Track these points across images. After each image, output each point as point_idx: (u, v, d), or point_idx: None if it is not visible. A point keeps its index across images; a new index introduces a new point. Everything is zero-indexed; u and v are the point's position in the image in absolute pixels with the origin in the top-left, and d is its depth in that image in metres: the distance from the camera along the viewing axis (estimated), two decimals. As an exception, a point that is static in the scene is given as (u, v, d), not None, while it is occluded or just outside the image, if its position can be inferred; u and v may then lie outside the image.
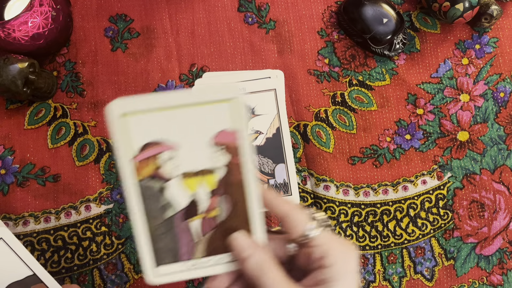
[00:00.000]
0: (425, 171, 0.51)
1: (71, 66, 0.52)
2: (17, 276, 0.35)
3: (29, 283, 0.35)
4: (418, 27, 0.54)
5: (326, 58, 0.53)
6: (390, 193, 0.50)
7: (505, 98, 0.52)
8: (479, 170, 0.51)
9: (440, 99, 0.52)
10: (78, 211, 0.49)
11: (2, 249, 0.35)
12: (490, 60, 0.53)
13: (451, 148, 0.51)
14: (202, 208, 0.34)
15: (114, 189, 0.49)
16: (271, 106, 0.51)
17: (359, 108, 0.52)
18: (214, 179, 0.34)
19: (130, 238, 0.49)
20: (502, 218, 0.50)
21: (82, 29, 0.53)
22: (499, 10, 0.50)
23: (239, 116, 0.32)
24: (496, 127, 0.51)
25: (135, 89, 0.52)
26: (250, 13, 0.54)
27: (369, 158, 0.51)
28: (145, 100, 0.31)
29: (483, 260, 0.49)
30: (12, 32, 0.46)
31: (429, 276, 0.49)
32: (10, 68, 0.45)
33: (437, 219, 0.50)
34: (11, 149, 0.50)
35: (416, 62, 0.53)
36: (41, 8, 0.46)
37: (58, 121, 0.51)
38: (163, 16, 0.53)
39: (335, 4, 0.54)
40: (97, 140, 0.50)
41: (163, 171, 0.33)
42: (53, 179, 0.50)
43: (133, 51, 0.52)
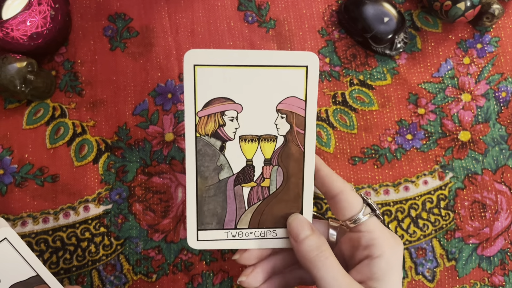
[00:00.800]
0: (427, 171, 0.50)
1: (69, 66, 0.52)
2: (21, 277, 0.35)
3: (33, 284, 0.35)
4: (419, 26, 0.53)
5: (327, 57, 0.53)
6: (391, 194, 0.50)
7: (507, 98, 0.52)
8: (480, 170, 0.50)
9: (441, 98, 0.52)
10: (77, 211, 0.49)
11: (6, 249, 0.35)
12: (492, 59, 0.53)
13: (453, 148, 0.51)
14: (255, 175, 0.33)
15: (113, 190, 0.49)
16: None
17: (360, 107, 0.52)
18: (271, 148, 0.33)
19: (129, 238, 0.48)
20: (504, 219, 0.50)
21: (81, 29, 0.53)
22: (501, 9, 0.50)
23: (311, 85, 0.31)
24: (497, 127, 0.51)
25: (134, 89, 0.51)
26: (250, 12, 0.53)
27: (370, 158, 0.51)
28: (220, 54, 0.31)
29: (484, 261, 0.49)
30: (10, 32, 0.45)
31: (431, 277, 0.49)
32: (8, 68, 0.45)
33: (438, 219, 0.50)
34: (9, 149, 0.50)
35: (417, 61, 0.53)
36: (40, 7, 0.46)
37: (56, 121, 0.51)
38: (162, 15, 0.53)
39: (335, 3, 0.54)
40: (96, 140, 0.50)
41: (224, 130, 0.33)
42: (51, 180, 0.49)
43: (132, 51, 0.52)
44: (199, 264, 0.48)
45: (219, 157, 0.33)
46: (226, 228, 0.34)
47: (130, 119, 0.51)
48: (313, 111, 0.32)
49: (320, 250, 0.30)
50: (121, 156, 0.50)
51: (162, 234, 0.49)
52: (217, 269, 0.48)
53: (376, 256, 0.29)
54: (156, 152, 0.50)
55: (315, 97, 0.31)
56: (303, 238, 0.31)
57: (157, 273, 0.48)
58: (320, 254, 0.29)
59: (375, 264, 0.29)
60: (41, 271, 0.36)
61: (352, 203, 0.31)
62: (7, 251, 0.35)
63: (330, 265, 0.29)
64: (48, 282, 0.35)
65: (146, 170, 0.50)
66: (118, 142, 0.50)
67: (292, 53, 0.31)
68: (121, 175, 0.49)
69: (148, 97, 0.51)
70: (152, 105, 0.51)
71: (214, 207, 0.33)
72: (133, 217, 0.49)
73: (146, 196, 0.49)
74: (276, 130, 0.33)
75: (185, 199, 0.38)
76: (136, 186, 0.49)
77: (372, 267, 0.29)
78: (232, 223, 0.34)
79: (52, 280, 0.36)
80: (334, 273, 0.29)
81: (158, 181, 0.49)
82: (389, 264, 0.29)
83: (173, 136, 0.50)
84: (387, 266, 0.29)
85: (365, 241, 0.30)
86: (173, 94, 0.51)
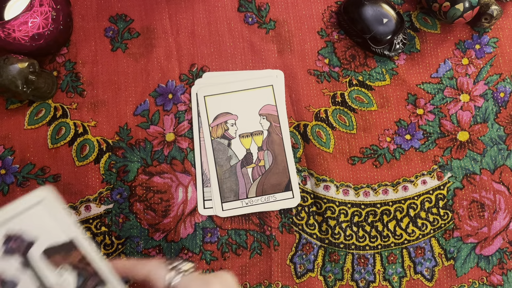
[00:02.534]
0: (425, 171, 0.51)
1: (71, 66, 0.52)
2: (56, 239, 0.34)
3: (68, 249, 0.35)
4: (418, 27, 0.54)
5: (326, 58, 0.53)
6: (390, 193, 0.50)
7: (505, 98, 0.52)
8: (479, 170, 0.51)
9: (440, 99, 0.52)
10: (78, 211, 0.49)
11: (43, 211, 0.34)
12: (490, 60, 0.53)
13: (451, 148, 0.51)
14: (254, 159, 0.50)
15: (114, 189, 0.49)
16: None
17: (359, 108, 0.52)
18: (260, 139, 0.50)
19: (130, 238, 0.49)
20: (502, 218, 0.50)
21: (82, 29, 0.53)
22: (499, 10, 0.50)
23: (278, 95, 0.51)
24: (496, 127, 0.51)
25: (135, 89, 0.52)
26: (250, 13, 0.54)
27: (369, 158, 0.51)
28: (220, 88, 0.51)
29: (483, 260, 0.49)
30: (12, 32, 0.46)
31: (429, 276, 0.49)
32: (10, 68, 0.45)
33: (437, 219, 0.50)
34: (11, 149, 0.50)
35: (416, 62, 0.53)
36: (41, 8, 0.46)
37: (58, 121, 0.51)
38: (163, 16, 0.53)
39: (335, 4, 0.54)
40: (97, 140, 0.50)
41: (228, 132, 0.51)
42: (53, 179, 0.50)
43: (133, 51, 0.52)
44: (199, 263, 0.48)
45: (228, 150, 0.50)
46: (240, 198, 0.49)
47: (131, 119, 0.51)
48: (283, 111, 0.51)
49: None
50: (122, 156, 0.50)
51: (162, 234, 0.49)
52: (217, 268, 0.48)
53: None
54: (156, 152, 0.50)
55: (283, 102, 0.51)
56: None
57: (157, 272, 0.48)
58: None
59: None
60: (76, 237, 0.35)
61: (159, 277, 0.35)
62: (44, 213, 0.34)
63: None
64: (82, 249, 0.34)
65: (147, 170, 0.50)
66: (119, 142, 0.51)
67: (261, 74, 0.51)
68: (122, 175, 0.50)
69: (149, 97, 0.51)
70: (153, 105, 0.51)
71: (230, 185, 0.49)
72: (134, 217, 0.49)
73: (147, 195, 0.49)
74: (261, 127, 0.51)
75: (186, 198, 0.50)
76: (137, 186, 0.50)
77: None
78: (244, 194, 0.49)
79: (87, 247, 0.35)
80: None
81: (158, 180, 0.50)
82: None
83: (174, 136, 0.51)
84: None
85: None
86: (174, 95, 0.51)
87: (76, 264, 0.34)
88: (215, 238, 0.49)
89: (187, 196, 0.49)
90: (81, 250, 0.34)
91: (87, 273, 0.34)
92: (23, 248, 0.34)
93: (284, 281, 0.48)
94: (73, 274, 0.34)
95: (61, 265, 0.34)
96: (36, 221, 0.34)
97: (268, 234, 0.49)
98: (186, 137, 0.51)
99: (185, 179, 0.50)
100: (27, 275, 0.33)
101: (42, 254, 0.34)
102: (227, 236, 0.49)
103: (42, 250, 0.34)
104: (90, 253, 0.34)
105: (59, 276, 0.34)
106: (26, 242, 0.34)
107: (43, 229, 0.34)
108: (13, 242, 0.33)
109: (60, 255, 0.34)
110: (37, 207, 0.34)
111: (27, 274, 0.33)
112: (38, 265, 0.34)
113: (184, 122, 0.51)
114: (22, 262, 0.34)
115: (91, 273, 0.34)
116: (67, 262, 0.34)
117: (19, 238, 0.34)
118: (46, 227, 0.34)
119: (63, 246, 0.35)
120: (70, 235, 0.34)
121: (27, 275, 0.33)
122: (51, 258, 0.34)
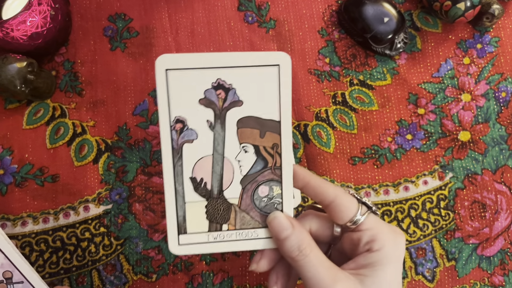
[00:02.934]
0: (427, 171, 0.50)
1: (70, 66, 0.52)
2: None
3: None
4: (419, 26, 0.53)
5: (327, 57, 0.53)
6: (391, 194, 0.50)
7: (506, 98, 0.52)
8: (480, 170, 0.50)
9: (441, 99, 0.52)
10: (77, 211, 0.49)
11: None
12: (492, 59, 0.53)
13: (453, 148, 0.51)
14: None
15: (113, 190, 0.49)
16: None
17: (360, 108, 0.52)
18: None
19: (129, 238, 0.48)
20: (504, 219, 0.50)
21: (81, 29, 0.53)
22: (501, 10, 0.50)
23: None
24: (497, 127, 0.51)
25: (134, 89, 0.51)
26: (250, 12, 0.53)
27: (370, 158, 0.51)
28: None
29: (484, 261, 0.49)
30: (10, 32, 0.45)
31: (430, 277, 0.49)
32: (9, 68, 0.45)
33: (438, 219, 0.50)
34: (9, 149, 0.50)
35: (417, 61, 0.53)
36: (40, 7, 0.46)
37: (56, 121, 0.51)
38: (162, 15, 0.53)
39: (335, 3, 0.54)
40: (96, 140, 0.50)
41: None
42: (51, 180, 0.49)
43: (132, 51, 0.52)
44: (199, 264, 0.48)
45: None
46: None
47: (130, 119, 0.51)
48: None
49: (300, 250, 0.30)
50: (121, 156, 0.50)
51: (162, 234, 0.49)
52: (217, 269, 0.48)
53: (376, 250, 0.30)
54: (156, 152, 0.50)
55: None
56: (283, 239, 0.31)
57: (157, 273, 0.48)
58: (300, 254, 0.30)
59: (372, 255, 0.30)
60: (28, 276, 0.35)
61: (347, 206, 0.31)
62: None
63: (310, 264, 0.30)
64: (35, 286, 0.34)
65: (146, 170, 0.50)
66: (118, 142, 0.50)
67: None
68: (121, 175, 0.49)
69: (148, 97, 0.51)
70: (152, 105, 0.51)
71: None
72: (133, 217, 0.49)
73: (146, 196, 0.49)
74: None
75: None
76: (136, 186, 0.49)
77: (368, 258, 0.30)
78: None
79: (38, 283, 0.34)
80: (314, 272, 0.29)
81: (158, 181, 0.49)
82: (387, 256, 0.30)
83: (173, 136, 0.50)
84: (384, 257, 0.30)
85: (366, 238, 0.31)
86: (173, 94, 0.51)
87: None
88: (214, 238, 0.49)
89: (187, 196, 0.49)
90: None
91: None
92: (225, 104, 0.31)
93: (284, 282, 0.48)
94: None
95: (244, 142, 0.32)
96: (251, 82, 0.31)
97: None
98: (185, 137, 0.50)
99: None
100: (209, 135, 0.32)
101: (237, 121, 0.32)
102: (227, 237, 0.49)
103: (239, 117, 0.32)
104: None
105: (242, 151, 0.32)
106: (231, 100, 0.31)
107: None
108: (221, 92, 0.31)
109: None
110: (269, 68, 0.31)
111: (209, 133, 0.32)
112: (227, 131, 0.32)
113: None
114: (214, 119, 0.32)
115: None
116: None
117: (229, 91, 0.31)
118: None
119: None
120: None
121: (209, 135, 0.32)
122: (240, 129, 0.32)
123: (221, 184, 0.33)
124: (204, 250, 0.33)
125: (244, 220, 0.33)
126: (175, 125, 0.31)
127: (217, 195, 0.33)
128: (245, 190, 0.33)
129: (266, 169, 0.33)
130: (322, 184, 0.32)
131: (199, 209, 0.33)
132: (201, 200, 0.33)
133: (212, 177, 0.32)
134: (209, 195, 0.33)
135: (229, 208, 0.33)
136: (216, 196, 0.33)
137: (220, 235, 0.33)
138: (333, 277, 0.29)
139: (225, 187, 0.33)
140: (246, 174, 0.33)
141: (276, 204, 0.33)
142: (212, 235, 0.33)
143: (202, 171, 0.32)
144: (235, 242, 0.33)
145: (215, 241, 0.33)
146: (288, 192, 0.33)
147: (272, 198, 0.33)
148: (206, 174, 0.32)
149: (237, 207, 0.33)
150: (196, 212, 0.33)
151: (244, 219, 0.33)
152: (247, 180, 0.33)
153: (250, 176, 0.33)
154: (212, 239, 0.33)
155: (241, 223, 0.33)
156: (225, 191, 0.33)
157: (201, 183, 0.33)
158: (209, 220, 0.33)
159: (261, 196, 0.33)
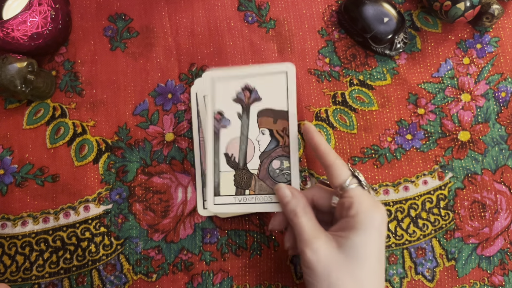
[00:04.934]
0: (426, 171, 0.50)
1: (70, 66, 0.52)
2: None
3: None
4: (419, 26, 0.53)
5: (327, 57, 0.53)
6: (391, 194, 0.50)
7: (506, 98, 0.52)
8: (480, 170, 0.50)
9: (441, 98, 0.52)
10: (77, 211, 0.49)
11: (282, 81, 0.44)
12: (492, 59, 0.53)
13: (452, 148, 0.51)
14: None
15: (113, 190, 0.49)
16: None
17: (359, 108, 0.52)
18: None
19: (129, 238, 0.49)
20: (504, 219, 0.50)
21: (81, 29, 0.53)
22: (501, 10, 0.50)
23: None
24: (497, 127, 0.51)
25: (134, 89, 0.51)
26: (250, 12, 0.53)
27: (370, 158, 0.51)
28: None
29: (484, 261, 0.49)
30: (11, 32, 0.45)
31: (430, 277, 0.49)
32: (9, 68, 0.45)
33: (438, 219, 0.50)
34: (9, 149, 0.50)
35: (417, 61, 0.53)
36: (40, 8, 0.46)
37: (56, 121, 0.51)
38: (162, 15, 0.53)
39: (335, 3, 0.54)
40: (96, 140, 0.50)
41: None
42: (51, 179, 0.49)
43: (132, 51, 0.52)
44: (199, 264, 0.48)
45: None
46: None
47: (130, 119, 0.51)
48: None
49: (295, 213, 0.38)
50: (121, 156, 0.50)
51: (162, 234, 0.49)
52: (217, 269, 0.48)
53: (351, 215, 0.35)
54: (156, 152, 0.50)
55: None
56: (284, 204, 0.39)
57: (157, 273, 0.48)
58: (295, 216, 0.38)
59: (348, 220, 0.36)
60: None
61: (340, 174, 0.38)
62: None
63: (300, 224, 0.37)
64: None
65: (146, 170, 0.50)
66: (118, 142, 0.50)
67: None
68: (121, 175, 0.50)
69: (148, 97, 0.51)
70: (152, 105, 0.51)
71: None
72: (133, 217, 0.49)
73: (146, 196, 0.49)
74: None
75: (186, 198, 0.49)
76: (136, 186, 0.49)
77: (345, 222, 0.36)
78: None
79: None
80: (301, 230, 0.37)
81: (158, 181, 0.49)
82: (360, 222, 0.35)
83: (173, 136, 0.50)
84: (357, 222, 0.35)
85: (347, 204, 0.36)
86: (173, 94, 0.51)
87: None
88: (214, 238, 0.49)
89: (187, 196, 0.49)
90: None
91: None
92: (250, 101, 0.43)
93: (284, 281, 0.48)
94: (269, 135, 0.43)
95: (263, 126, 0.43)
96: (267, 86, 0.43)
97: (268, 234, 0.49)
98: (185, 137, 0.50)
99: (185, 180, 0.49)
100: (238, 122, 0.43)
101: (258, 112, 0.43)
102: (227, 237, 0.49)
103: (259, 109, 0.43)
104: None
105: (260, 134, 0.43)
106: (254, 98, 0.43)
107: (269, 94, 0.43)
108: (247, 92, 0.43)
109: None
110: (280, 74, 0.43)
111: (238, 121, 0.43)
112: (250, 119, 0.43)
113: (184, 122, 0.51)
114: (242, 111, 0.43)
115: None
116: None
117: (252, 92, 0.43)
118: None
119: None
120: None
121: (238, 122, 0.43)
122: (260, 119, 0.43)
123: (245, 158, 0.43)
124: (231, 210, 0.43)
125: (262, 187, 0.42)
126: (216, 115, 0.43)
127: (242, 166, 0.43)
128: (263, 163, 0.43)
129: (278, 147, 0.43)
130: (328, 150, 0.39)
131: (229, 177, 0.43)
132: (231, 170, 0.43)
133: (239, 153, 0.43)
134: (237, 166, 0.43)
135: (251, 177, 0.43)
136: (241, 168, 0.43)
137: (243, 198, 0.43)
138: (315, 234, 0.36)
139: (248, 160, 0.43)
140: (263, 151, 0.43)
141: (286, 175, 0.42)
142: (238, 198, 0.43)
143: (232, 149, 0.43)
144: (254, 204, 0.42)
145: (240, 203, 0.43)
146: (295, 165, 0.42)
147: (282, 170, 0.42)
148: (235, 151, 0.43)
149: (257, 177, 0.43)
150: (227, 180, 0.43)
151: (262, 186, 0.42)
152: (264, 155, 0.43)
153: (266, 152, 0.43)
154: (237, 201, 0.43)
155: (259, 189, 0.42)
156: (248, 163, 0.43)
157: (231, 158, 0.43)
158: (236, 186, 0.43)
159: (274, 168, 0.42)
